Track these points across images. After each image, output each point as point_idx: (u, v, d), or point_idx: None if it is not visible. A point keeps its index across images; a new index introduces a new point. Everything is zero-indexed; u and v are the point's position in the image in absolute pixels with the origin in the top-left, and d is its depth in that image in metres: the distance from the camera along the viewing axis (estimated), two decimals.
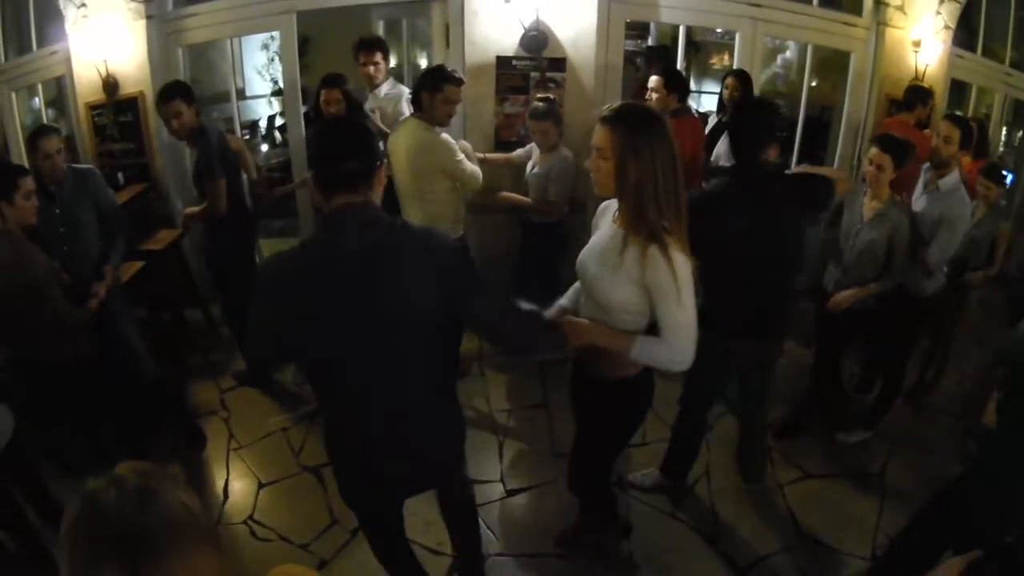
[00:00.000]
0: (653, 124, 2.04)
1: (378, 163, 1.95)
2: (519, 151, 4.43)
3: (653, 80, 4.38)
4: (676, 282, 2.03)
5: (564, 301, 2.52)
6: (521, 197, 4.22)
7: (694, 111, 5.46)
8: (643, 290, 2.08)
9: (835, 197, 3.05)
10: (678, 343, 2.10)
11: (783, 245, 2.87)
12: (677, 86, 4.39)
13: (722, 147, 4.73)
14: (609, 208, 2.35)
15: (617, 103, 2.12)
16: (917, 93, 4.78)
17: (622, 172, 2.03)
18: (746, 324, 2.94)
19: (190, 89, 3.86)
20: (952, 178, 3.50)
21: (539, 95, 4.29)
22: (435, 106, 3.61)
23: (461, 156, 3.72)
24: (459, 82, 3.65)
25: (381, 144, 2.04)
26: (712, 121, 5.17)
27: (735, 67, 5.10)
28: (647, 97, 4.39)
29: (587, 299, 2.30)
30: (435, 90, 3.58)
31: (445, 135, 3.70)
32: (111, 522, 0.95)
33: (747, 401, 3.42)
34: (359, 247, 1.86)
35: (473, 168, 3.80)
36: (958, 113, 5.24)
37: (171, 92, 3.75)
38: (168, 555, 0.95)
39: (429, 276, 1.89)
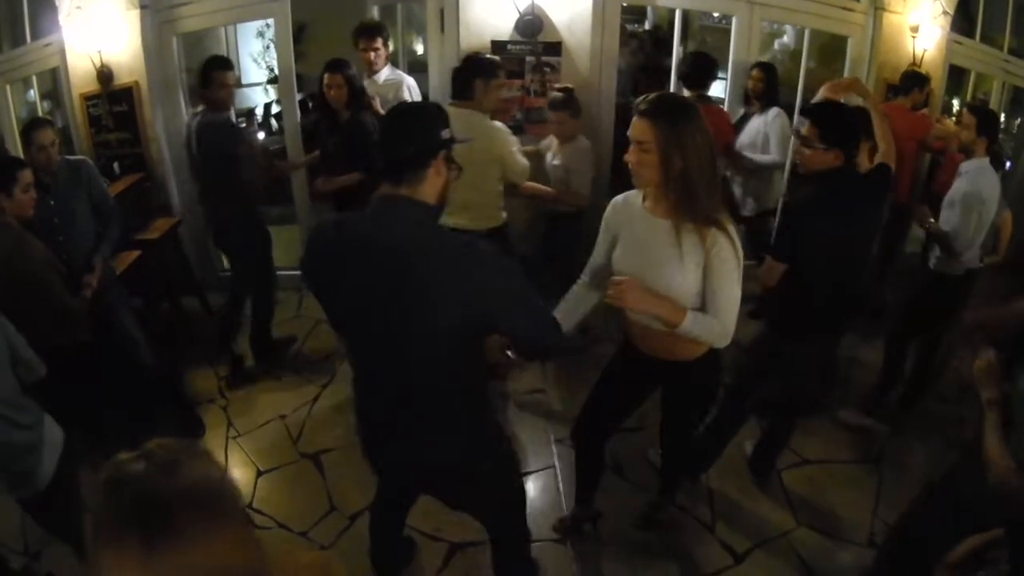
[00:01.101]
0: (691, 113, 2.09)
1: (431, 156, 1.83)
2: (544, 141, 4.41)
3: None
4: (738, 262, 2.15)
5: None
6: (545, 188, 4.14)
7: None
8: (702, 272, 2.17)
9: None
10: (728, 320, 2.20)
11: (866, 244, 2.96)
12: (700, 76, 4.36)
13: (746, 138, 4.73)
14: (628, 204, 2.38)
15: (652, 94, 2.14)
16: (913, 78, 4.80)
17: (667, 163, 2.07)
18: (822, 323, 3.01)
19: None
20: (972, 162, 3.47)
21: (558, 86, 4.27)
22: (489, 93, 3.54)
23: (516, 146, 3.68)
24: (506, 70, 3.62)
25: (445, 133, 1.87)
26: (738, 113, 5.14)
27: (731, 52, 5.10)
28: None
29: None
30: (492, 76, 3.52)
31: (499, 123, 3.65)
32: (133, 494, 0.92)
33: (790, 400, 3.40)
34: (378, 241, 1.80)
35: (525, 162, 3.76)
36: (960, 101, 5.23)
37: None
38: (187, 531, 0.91)
39: (452, 292, 1.76)
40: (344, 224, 1.94)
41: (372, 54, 4.40)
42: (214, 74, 3.90)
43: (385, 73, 4.49)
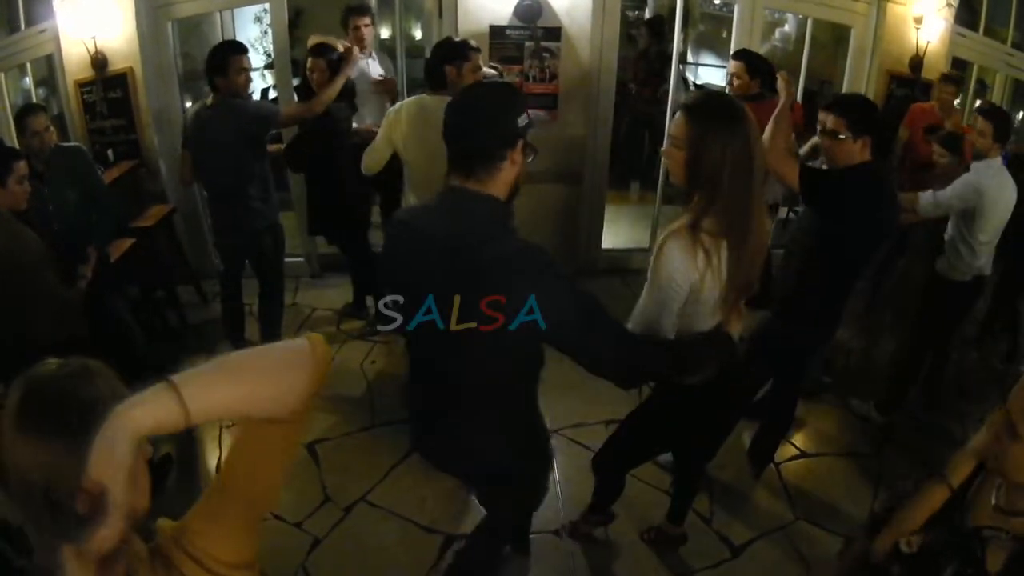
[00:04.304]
0: (729, 119, 1.89)
1: (506, 146, 1.69)
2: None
3: (734, 65, 4.22)
4: (657, 280, 1.95)
5: None
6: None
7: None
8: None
9: None
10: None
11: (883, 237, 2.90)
12: (759, 71, 4.20)
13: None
14: None
15: (703, 92, 2.03)
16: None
17: (693, 164, 1.90)
18: (833, 312, 2.97)
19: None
20: (983, 161, 3.39)
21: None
22: (464, 77, 3.45)
23: None
24: (479, 49, 3.55)
25: (522, 120, 1.71)
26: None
27: (733, 40, 5.05)
28: (728, 82, 4.30)
29: None
30: (464, 60, 3.43)
31: None
32: (57, 399, 0.98)
33: (786, 395, 3.38)
34: (445, 237, 1.69)
35: None
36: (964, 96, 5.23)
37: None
38: None
39: (512, 298, 1.61)
40: (413, 218, 1.87)
41: (365, 31, 4.46)
42: (231, 58, 3.65)
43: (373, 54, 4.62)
